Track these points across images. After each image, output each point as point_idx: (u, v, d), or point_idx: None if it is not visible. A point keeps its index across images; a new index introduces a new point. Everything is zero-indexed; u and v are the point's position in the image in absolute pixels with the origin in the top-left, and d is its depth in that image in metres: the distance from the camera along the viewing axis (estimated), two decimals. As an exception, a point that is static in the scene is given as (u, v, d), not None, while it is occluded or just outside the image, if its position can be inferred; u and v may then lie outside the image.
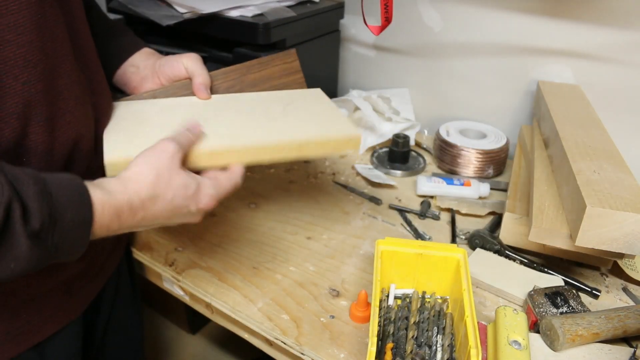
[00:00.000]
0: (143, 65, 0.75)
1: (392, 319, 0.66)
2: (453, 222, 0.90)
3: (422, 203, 0.96)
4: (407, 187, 1.02)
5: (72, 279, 0.65)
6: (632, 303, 0.75)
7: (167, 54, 0.79)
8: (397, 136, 1.09)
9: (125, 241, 0.81)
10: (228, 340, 1.60)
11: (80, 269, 0.66)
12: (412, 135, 1.14)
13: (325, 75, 1.26)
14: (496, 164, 1.05)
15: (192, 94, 0.75)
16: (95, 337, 0.78)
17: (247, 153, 0.64)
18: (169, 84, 0.75)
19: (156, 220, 0.55)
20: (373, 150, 1.14)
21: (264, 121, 0.69)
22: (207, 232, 0.86)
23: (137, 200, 0.52)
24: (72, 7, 0.59)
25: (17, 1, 0.48)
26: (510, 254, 0.81)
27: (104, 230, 0.50)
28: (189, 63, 0.74)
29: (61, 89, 0.56)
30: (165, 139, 0.57)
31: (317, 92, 0.80)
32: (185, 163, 0.59)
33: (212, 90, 0.76)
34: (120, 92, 0.78)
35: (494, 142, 1.06)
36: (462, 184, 0.97)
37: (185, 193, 0.56)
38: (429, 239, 0.87)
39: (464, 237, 0.87)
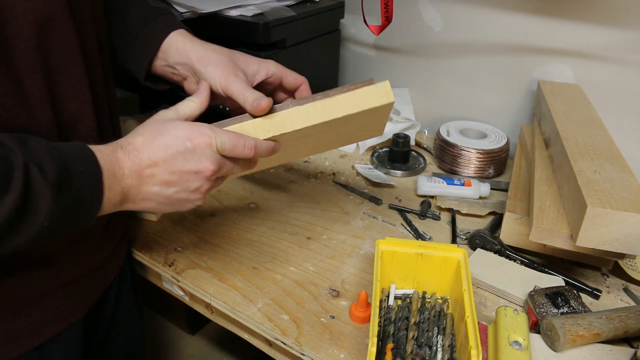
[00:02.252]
0: (180, 67, 0.68)
1: (393, 319, 0.66)
2: (453, 222, 0.90)
3: (422, 203, 0.95)
4: (407, 187, 1.02)
5: (74, 281, 0.65)
6: (633, 303, 0.75)
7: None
8: (397, 136, 1.09)
9: (126, 245, 0.80)
10: (228, 340, 1.60)
11: (82, 270, 0.66)
12: (412, 135, 1.13)
13: (325, 75, 1.25)
14: (497, 163, 1.04)
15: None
16: (97, 338, 0.77)
17: (265, 123, 0.60)
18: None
19: (158, 167, 0.53)
20: (373, 150, 1.14)
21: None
22: (207, 232, 0.86)
23: (126, 142, 0.54)
24: (83, 10, 0.58)
25: (21, 8, 0.48)
26: (510, 254, 0.81)
27: (111, 177, 0.51)
28: (222, 82, 0.64)
29: (67, 94, 0.56)
30: (161, 110, 0.59)
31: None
32: None
33: None
34: (165, 83, 0.74)
35: (494, 142, 1.05)
36: (463, 184, 0.97)
37: (174, 132, 0.55)
38: (429, 239, 0.87)
39: (464, 237, 0.87)
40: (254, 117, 0.62)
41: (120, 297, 0.80)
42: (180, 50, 0.68)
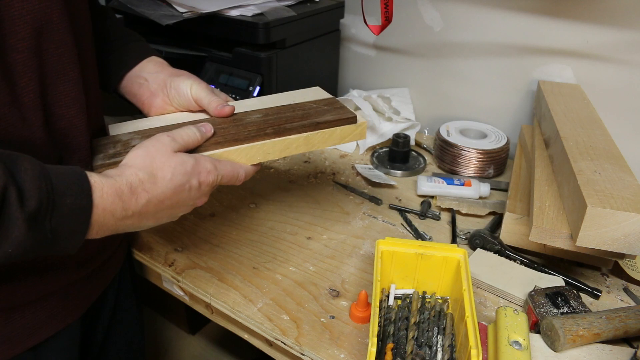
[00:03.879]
0: (152, 79, 0.71)
1: (393, 319, 0.66)
2: (453, 222, 0.90)
3: (422, 203, 0.96)
4: (407, 187, 1.02)
5: (71, 285, 0.64)
6: (633, 303, 0.75)
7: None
8: (397, 136, 1.09)
9: (126, 246, 0.80)
10: (228, 340, 1.60)
11: (79, 275, 0.65)
12: (412, 135, 1.13)
13: (325, 75, 1.25)
14: (497, 163, 1.04)
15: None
16: (95, 340, 0.77)
17: (254, 152, 0.65)
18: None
19: (163, 204, 0.55)
20: (373, 150, 1.14)
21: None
22: (207, 232, 0.86)
23: (136, 180, 0.52)
24: (80, 16, 0.58)
25: (18, 8, 0.48)
26: (510, 254, 0.81)
27: (108, 216, 0.49)
28: (194, 87, 0.69)
29: (64, 99, 0.55)
30: (161, 133, 0.58)
31: (317, 90, 0.80)
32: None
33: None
34: (127, 101, 0.75)
35: (494, 142, 1.05)
36: (463, 184, 0.97)
37: (184, 169, 0.56)
38: (429, 239, 0.87)
39: (464, 237, 0.87)
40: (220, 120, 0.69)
41: (120, 298, 0.80)
42: (157, 66, 0.73)
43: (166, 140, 0.57)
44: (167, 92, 0.70)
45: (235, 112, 0.70)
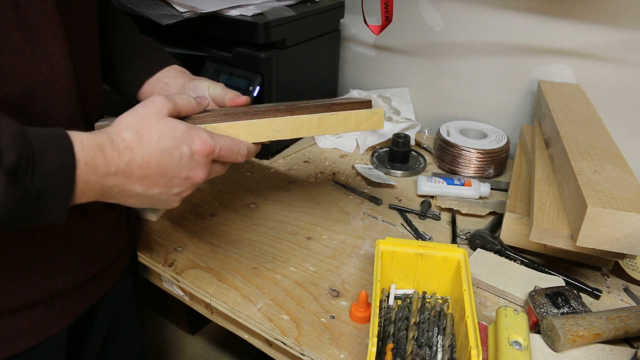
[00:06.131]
0: (172, 83, 0.72)
1: (393, 319, 0.66)
2: (453, 222, 0.90)
3: (422, 203, 0.95)
4: (407, 187, 1.02)
5: (57, 294, 0.62)
6: (633, 303, 0.75)
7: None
8: (397, 136, 1.09)
9: (126, 258, 0.77)
10: (228, 340, 1.60)
11: (66, 285, 0.63)
12: (412, 135, 1.13)
13: (325, 75, 1.25)
14: (497, 163, 1.04)
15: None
16: (88, 349, 0.74)
17: (264, 127, 0.62)
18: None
19: (150, 168, 0.51)
20: (373, 150, 1.14)
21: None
22: (207, 232, 0.86)
23: (118, 137, 0.50)
24: (79, 23, 0.58)
25: (9, 12, 0.48)
26: (511, 254, 0.81)
27: (91, 171, 0.47)
28: (211, 87, 0.70)
29: (55, 106, 0.54)
30: (156, 95, 0.56)
31: None
32: None
33: None
34: None
35: (494, 142, 1.05)
36: (463, 184, 0.97)
37: (173, 133, 0.52)
38: (429, 239, 0.87)
39: (464, 237, 0.87)
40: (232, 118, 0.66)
41: (119, 309, 0.77)
42: (178, 72, 0.75)
43: (159, 102, 0.54)
44: (185, 93, 0.70)
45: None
